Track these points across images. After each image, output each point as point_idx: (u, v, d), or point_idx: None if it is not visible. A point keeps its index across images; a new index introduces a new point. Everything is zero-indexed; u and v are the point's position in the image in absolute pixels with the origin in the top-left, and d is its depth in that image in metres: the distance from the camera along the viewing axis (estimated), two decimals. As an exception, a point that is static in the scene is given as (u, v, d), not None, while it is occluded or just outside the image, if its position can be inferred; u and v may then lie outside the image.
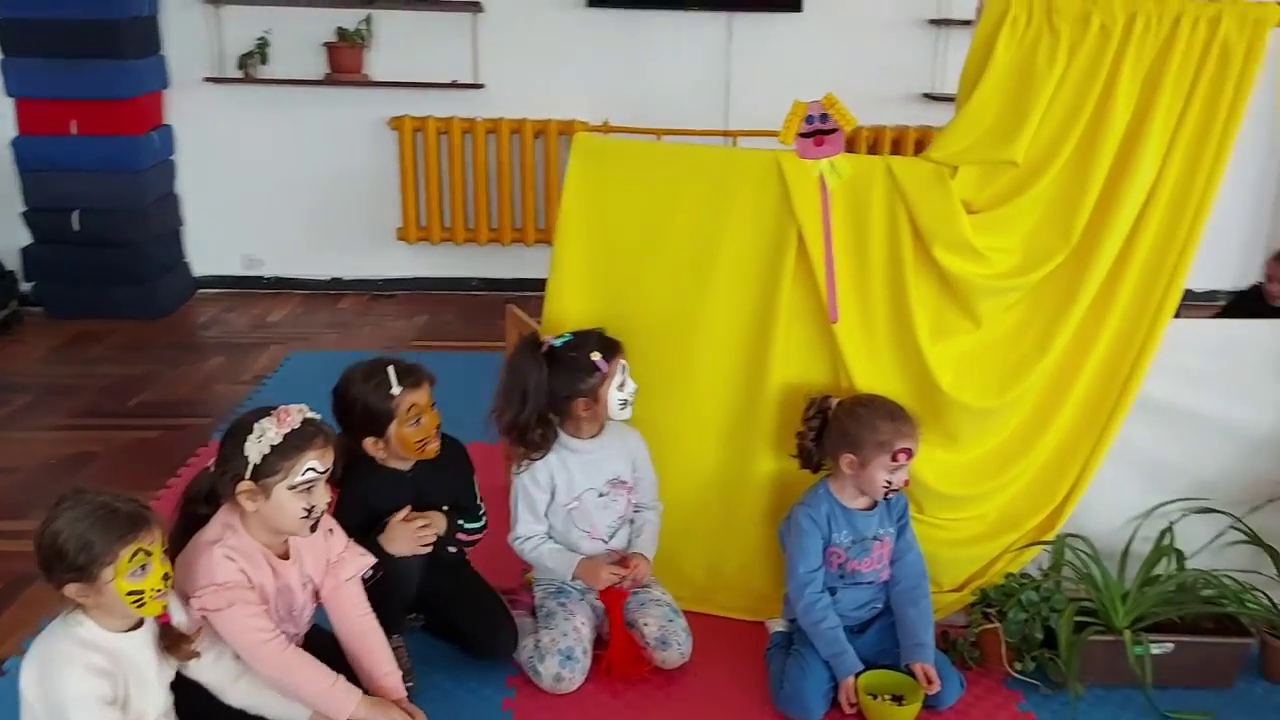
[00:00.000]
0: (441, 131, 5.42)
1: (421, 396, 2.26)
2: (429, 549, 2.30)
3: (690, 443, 2.58)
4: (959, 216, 2.30)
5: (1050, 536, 2.51)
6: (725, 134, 5.58)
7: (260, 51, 5.24)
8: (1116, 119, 2.26)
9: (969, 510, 2.52)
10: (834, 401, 2.41)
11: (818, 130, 2.38)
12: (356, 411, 2.24)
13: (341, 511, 2.22)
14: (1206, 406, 2.48)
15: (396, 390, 2.22)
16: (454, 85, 5.41)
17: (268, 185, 5.45)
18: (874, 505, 2.40)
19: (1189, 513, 2.53)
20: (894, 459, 2.27)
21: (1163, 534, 2.51)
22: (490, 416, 2.39)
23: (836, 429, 2.36)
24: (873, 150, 5.45)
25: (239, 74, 5.24)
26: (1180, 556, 2.51)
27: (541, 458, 2.40)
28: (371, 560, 2.18)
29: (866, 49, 5.45)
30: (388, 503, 2.30)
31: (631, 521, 2.52)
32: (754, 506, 2.60)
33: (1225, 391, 2.46)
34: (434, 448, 2.29)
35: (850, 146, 5.21)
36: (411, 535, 2.27)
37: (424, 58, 5.38)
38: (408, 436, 2.25)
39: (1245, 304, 3.66)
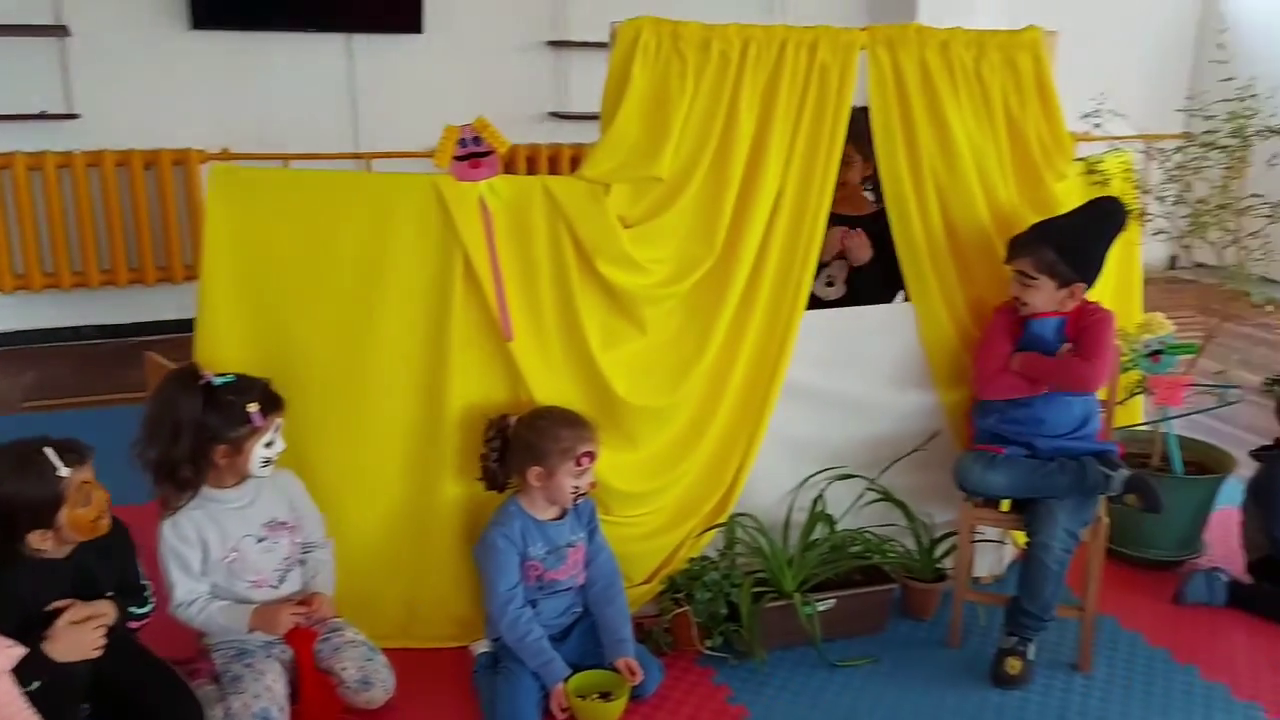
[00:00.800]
0: (33, 168, 4.86)
1: (88, 471, 2.02)
2: (101, 650, 2.06)
3: (373, 476, 2.52)
4: (616, 231, 2.43)
5: (723, 519, 2.72)
6: (358, 156, 5.48)
7: None
8: (741, 136, 2.49)
9: (651, 504, 2.67)
10: (512, 420, 2.46)
11: (472, 153, 2.41)
12: (15, 509, 1.95)
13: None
14: (837, 385, 2.78)
15: (65, 472, 1.97)
16: (44, 116, 4.87)
17: None
18: (564, 514, 2.48)
19: (833, 480, 2.83)
20: (578, 463, 2.36)
21: (814, 502, 2.80)
22: (133, 450, 2.21)
23: (519, 444, 2.40)
24: (510, 168, 5.56)
25: None
26: (831, 520, 2.82)
27: (189, 501, 2.24)
28: (21, 650, 1.91)
29: (491, 70, 5.57)
30: (46, 597, 2.02)
31: (302, 563, 2.42)
32: (446, 533, 2.59)
33: (849, 371, 2.78)
34: (106, 523, 2.06)
35: (510, 165, 5.40)
36: (82, 638, 2.02)
37: (5, 89, 4.80)
38: (81, 518, 1.99)
39: None
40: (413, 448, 2.53)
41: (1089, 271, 2.59)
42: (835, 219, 2.93)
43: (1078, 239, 2.57)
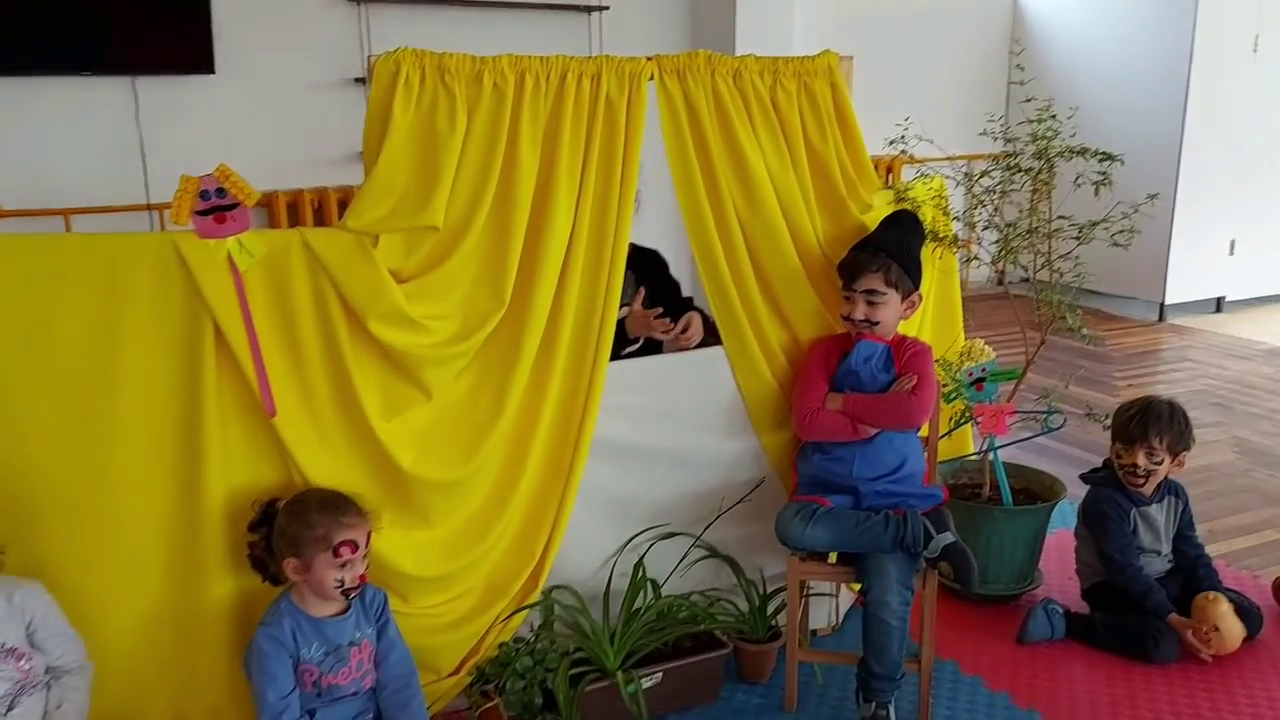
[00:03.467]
0: None
1: None
2: None
3: (124, 580, 2.17)
4: (388, 287, 2.17)
5: (536, 595, 2.47)
6: (150, 208, 5.06)
7: None
8: (524, 176, 2.27)
9: (455, 588, 2.40)
10: (281, 503, 2.17)
11: (216, 206, 2.11)
12: None
13: None
14: (654, 439, 2.59)
15: None
16: None
17: None
18: (347, 609, 2.19)
19: (655, 540, 2.62)
20: (336, 554, 2.08)
21: (635, 567, 2.59)
22: None
23: (277, 532, 2.12)
24: (320, 213, 5.25)
25: None
26: (655, 585, 2.60)
27: None
28: None
29: (291, 110, 5.25)
30: None
31: (49, 686, 2.07)
32: (216, 637, 2.25)
33: (664, 422, 2.59)
34: None
35: (272, 211, 5.07)
36: None
37: None
38: None
39: None
40: (171, 541, 2.19)
41: (919, 279, 2.58)
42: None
43: (908, 250, 2.54)
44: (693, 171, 2.45)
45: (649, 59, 2.38)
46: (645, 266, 2.89)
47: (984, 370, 3.02)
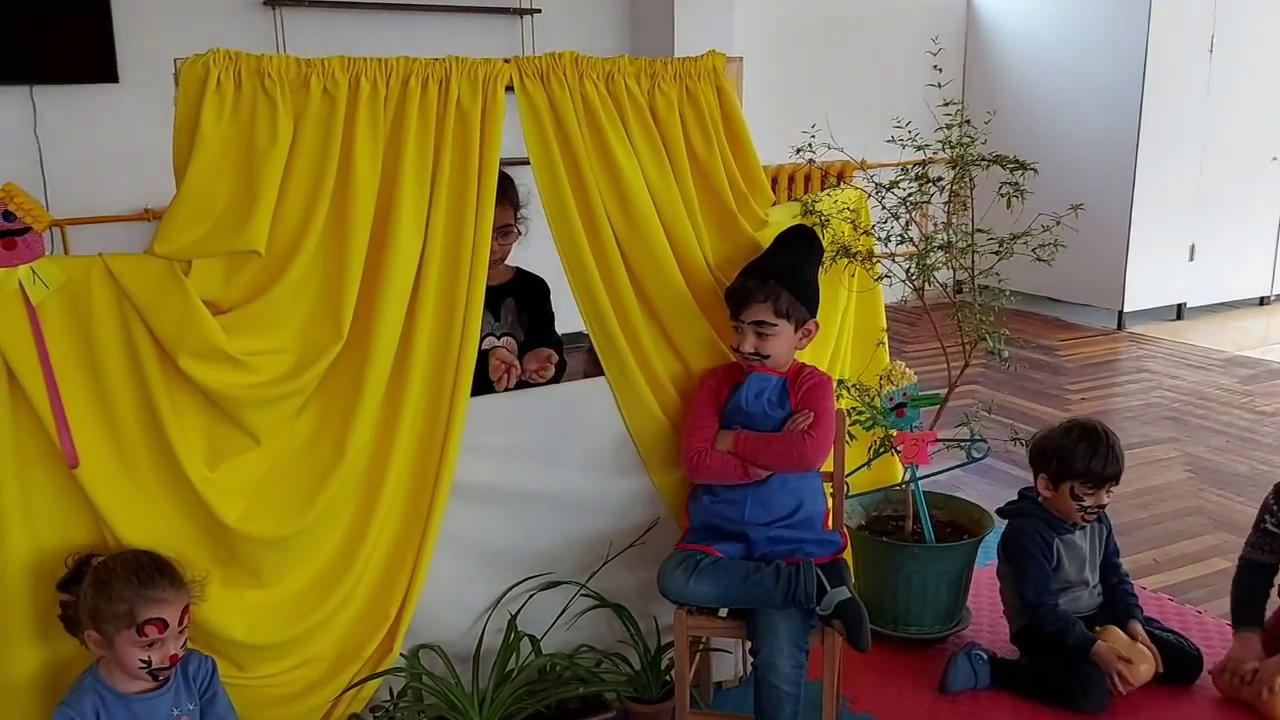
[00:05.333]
0: None
1: None
2: None
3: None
4: (202, 319, 1.91)
5: (393, 658, 2.22)
6: (54, 224, 4.77)
7: None
8: (363, 191, 2.02)
9: (298, 654, 2.14)
10: (97, 560, 1.92)
11: (4, 232, 1.86)
12: None
13: None
14: (531, 480, 2.34)
15: None
16: None
17: None
18: (160, 684, 1.93)
19: (536, 591, 2.38)
20: (141, 633, 1.82)
21: (509, 623, 2.34)
22: None
23: (80, 598, 1.86)
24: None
25: None
26: (534, 642, 2.36)
27: None
28: None
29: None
30: None
31: None
32: (23, 713, 2.00)
33: (545, 462, 2.35)
34: None
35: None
36: None
37: None
38: None
39: None
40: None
41: (815, 303, 2.35)
42: None
43: (801, 274, 2.31)
44: (561, 186, 2.20)
45: (506, 61, 2.13)
46: (528, 295, 2.65)
47: (905, 395, 2.79)
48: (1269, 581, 2.58)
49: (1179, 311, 6.70)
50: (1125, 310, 6.46)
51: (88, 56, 4.76)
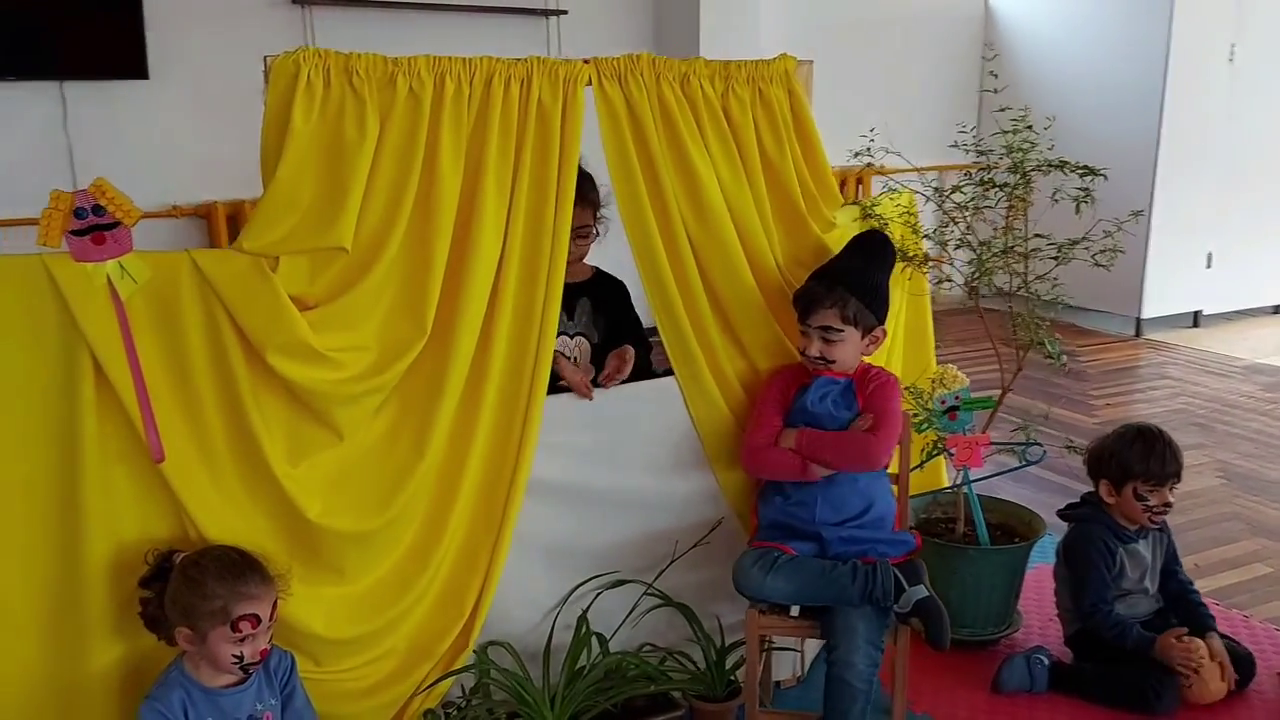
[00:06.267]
0: None
1: None
2: None
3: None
4: (290, 315, 1.92)
5: (467, 655, 2.23)
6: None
7: None
8: (447, 189, 2.03)
9: (374, 649, 2.15)
10: (179, 556, 1.93)
11: (94, 225, 1.86)
12: None
13: None
14: (599, 479, 2.35)
15: None
16: None
17: None
18: (246, 679, 1.94)
19: (602, 590, 2.39)
20: (235, 629, 1.83)
21: (579, 620, 2.35)
22: None
23: (169, 596, 1.87)
24: (235, 229, 4.97)
25: None
26: (603, 640, 2.37)
27: None
28: None
29: (232, 117, 4.93)
30: None
31: None
32: (105, 707, 2.00)
33: (612, 461, 2.36)
34: None
35: (211, 223, 4.79)
36: None
37: None
38: None
39: None
40: (47, 603, 1.93)
41: (884, 310, 2.34)
42: None
43: (870, 281, 2.30)
44: (637, 186, 2.21)
45: (586, 62, 2.15)
46: (604, 295, 2.65)
47: (957, 398, 2.80)
48: None
49: (1195, 319, 6.73)
50: (1143, 317, 6.49)
51: (118, 52, 4.76)
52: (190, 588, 1.86)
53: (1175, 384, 5.45)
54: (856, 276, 2.28)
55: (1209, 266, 6.63)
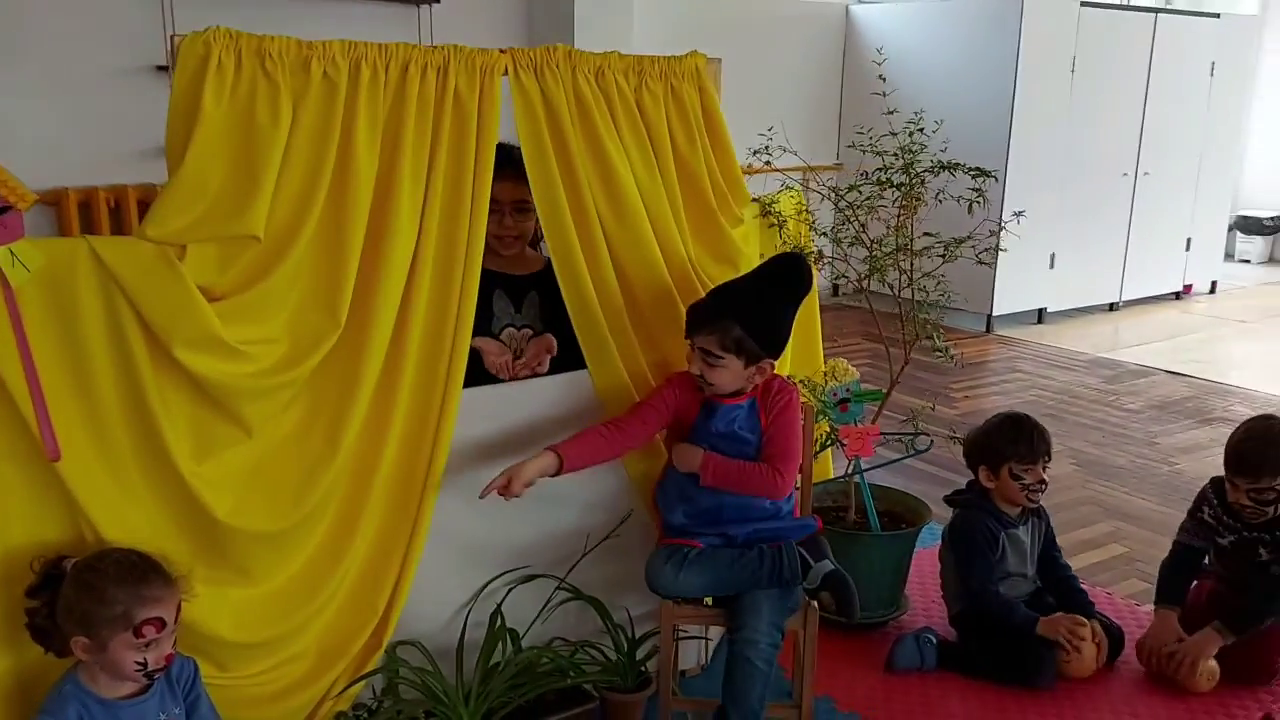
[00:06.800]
0: None
1: None
2: None
3: None
4: (199, 307, 1.84)
5: (379, 656, 2.17)
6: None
7: None
8: (362, 177, 1.98)
9: (283, 652, 2.08)
10: (69, 563, 1.82)
11: (-19, 211, 1.74)
12: None
13: None
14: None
15: None
16: None
17: None
18: (149, 687, 1.84)
19: (514, 585, 2.37)
20: (139, 634, 1.74)
21: (492, 616, 2.33)
22: None
23: (63, 604, 1.76)
24: (117, 214, 4.72)
25: None
26: (515, 636, 2.35)
27: None
28: None
29: (82, 100, 4.70)
30: None
31: None
32: (-15, 728, 1.87)
33: (523, 455, 2.32)
34: None
35: (61, 210, 4.53)
36: None
37: None
38: None
39: None
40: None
41: (778, 345, 2.30)
42: (504, 279, 2.51)
43: (764, 310, 2.23)
44: (553, 178, 2.21)
45: (502, 51, 2.13)
46: (554, 287, 2.58)
47: (848, 391, 2.91)
48: (1197, 565, 2.81)
49: (1040, 315, 7.15)
50: (994, 314, 6.85)
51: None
52: (87, 594, 1.75)
53: (1027, 377, 5.77)
54: (751, 305, 2.21)
55: (1052, 267, 7.05)
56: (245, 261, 1.90)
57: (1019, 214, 2.76)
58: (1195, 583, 2.82)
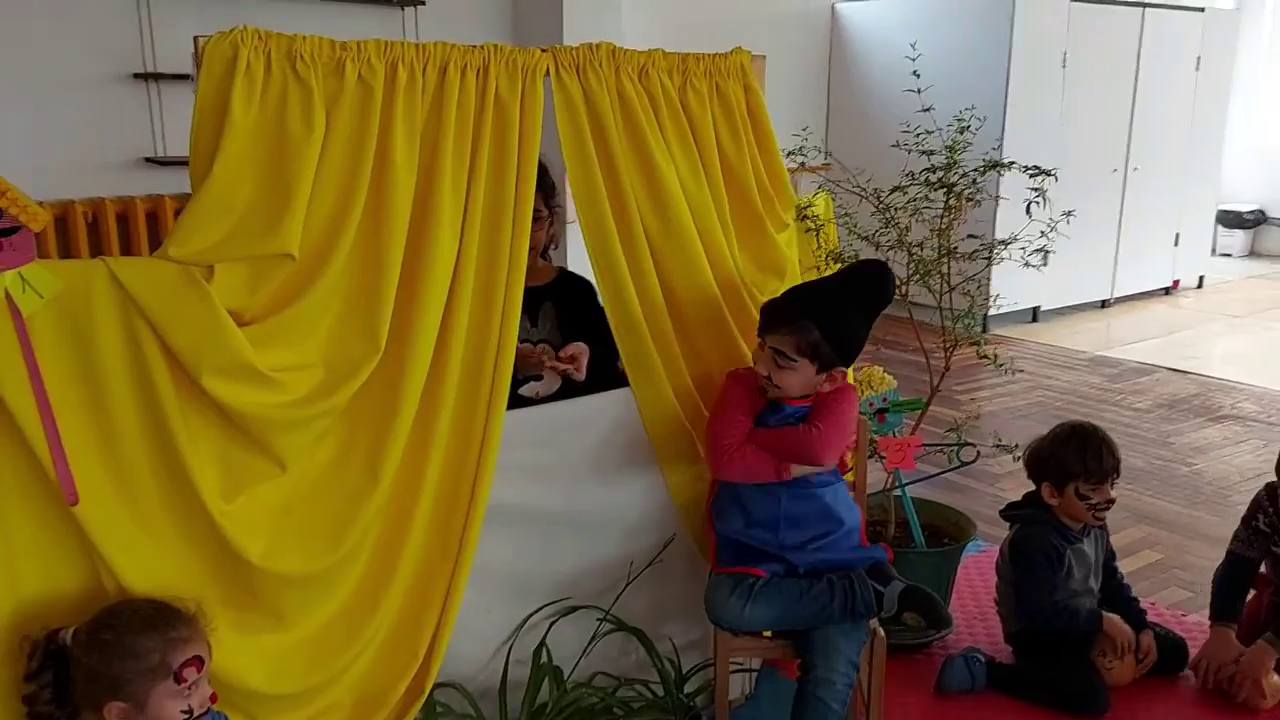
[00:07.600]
0: None
1: None
2: None
3: None
4: (227, 331, 1.68)
5: (422, 702, 2.02)
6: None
7: None
8: (400, 188, 1.83)
9: (319, 702, 1.92)
10: (67, 634, 1.64)
11: (-11, 232, 1.57)
12: None
13: None
14: (552, 501, 2.20)
15: None
16: None
17: None
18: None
19: (555, 618, 2.23)
20: (180, 679, 1.58)
21: (535, 653, 2.18)
22: None
23: (82, 673, 1.60)
24: (95, 229, 4.51)
25: None
26: (559, 674, 2.21)
27: None
28: None
29: (63, 110, 4.50)
30: None
31: None
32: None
33: (567, 481, 2.21)
34: None
35: (64, 227, 4.33)
36: None
37: None
38: None
39: None
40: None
41: (852, 355, 2.18)
42: None
43: (844, 316, 2.12)
44: (595, 182, 2.07)
45: (543, 51, 1.98)
46: (569, 299, 2.49)
47: (885, 400, 2.80)
48: (1251, 576, 2.72)
49: (1034, 314, 7.09)
50: (990, 313, 6.76)
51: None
52: (114, 653, 1.59)
53: (1030, 377, 5.70)
54: (832, 309, 2.10)
55: (1045, 264, 6.98)
56: (278, 282, 1.75)
57: (1068, 214, 2.65)
58: (1253, 593, 2.73)
